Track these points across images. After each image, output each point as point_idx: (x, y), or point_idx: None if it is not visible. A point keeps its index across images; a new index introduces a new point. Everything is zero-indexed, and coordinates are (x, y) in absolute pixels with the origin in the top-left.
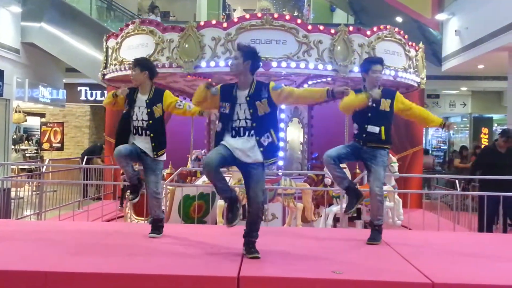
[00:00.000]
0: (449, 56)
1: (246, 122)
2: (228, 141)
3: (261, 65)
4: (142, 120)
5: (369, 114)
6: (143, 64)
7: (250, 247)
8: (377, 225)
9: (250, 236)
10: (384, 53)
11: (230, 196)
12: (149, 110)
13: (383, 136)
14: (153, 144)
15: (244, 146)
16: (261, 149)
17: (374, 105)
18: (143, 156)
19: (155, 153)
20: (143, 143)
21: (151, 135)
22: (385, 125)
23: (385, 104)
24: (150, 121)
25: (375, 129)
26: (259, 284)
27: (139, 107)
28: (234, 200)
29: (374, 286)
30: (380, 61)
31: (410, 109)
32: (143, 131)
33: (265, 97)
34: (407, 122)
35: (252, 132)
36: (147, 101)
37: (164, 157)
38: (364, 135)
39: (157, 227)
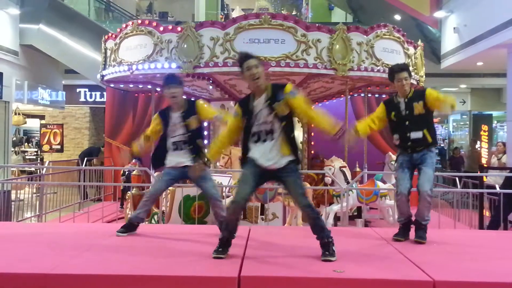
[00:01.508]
0: (448, 54)
1: (268, 128)
2: (254, 154)
3: None
4: (180, 135)
5: (407, 122)
6: (180, 82)
7: (324, 250)
8: (424, 225)
9: (319, 239)
10: (383, 51)
11: (231, 237)
12: (184, 123)
13: (429, 139)
14: (194, 156)
15: (268, 153)
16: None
17: (408, 112)
18: (185, 170)
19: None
20: (182, 157)
21: (191, 147)
22: (427, 127)
23: (418, 108)
24: (188, 134)
25: (419, 134)
26: (260, 284)
27: (175, 124)
28: (229, 242)
29: (375, 284)
30: (402, 68)
31: (437, 99)
32: (182, 145)
33: (282, 98)
34: None
35: (275, 135)
36: (182, 115)
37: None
38: (409, 143)
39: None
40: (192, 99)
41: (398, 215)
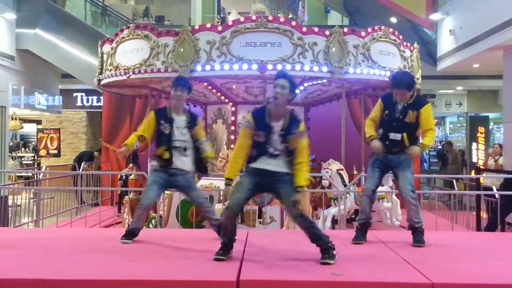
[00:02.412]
0: (444, 56)
1: (276, 153)
2: (257, 163)
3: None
4: (182, 141)
5: (394, 124)
6: (189, 87)
7: (323, 254)
8: (419, 227)
9: (318, 246)
10: (379, 54)
11: (230, 241)
12: (189, 130)
13: (406, 143)
14: (193, 163)
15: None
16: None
17: (401, 116)
18: (179, 175)
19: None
20: (181, 161)
21: (189, 154)
22: (408, 132)
23: (410, 117)
24: (189, 142)
25: (397, 136)
26: (258, 287)
27: (177, 127)
28: (230, 245)
29: (373, 287)
30: (398, 85)
31: (425, 130)
32: (182, 151)
33: (294, 133)
34: None
35: (278, 156)
36: (187, 123)
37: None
38: (387, 142)
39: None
40: (194, 112)
41: (359, 214)
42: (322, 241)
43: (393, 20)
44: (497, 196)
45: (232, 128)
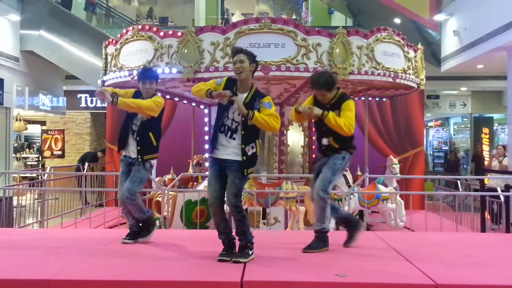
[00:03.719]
0: (448, 57)
1: (233, 125)
2: (217, 149)
3: (259, 68)
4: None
5: (324, 128)
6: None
7: (238, 251)
8: (317, 231)
9: (239, 241)
10: (383, 55)
11: (230, 238)
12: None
13: (335, 146)
14: (139, 148)
15: (227, 148)
16: (244, 157)
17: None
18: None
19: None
20: (132, 147)
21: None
22: (333, 135)
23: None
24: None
25: (325, 141)
26: None
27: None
28: (232, 243)
29: None
30: (314, 86)
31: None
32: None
33: (257, 108)
34: (407, 124)
35: (236, 137)
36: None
37: None
38: (322, 148)
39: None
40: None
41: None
42: (245, 238)
43: (397, 21)
44: (501, 197)
45: None
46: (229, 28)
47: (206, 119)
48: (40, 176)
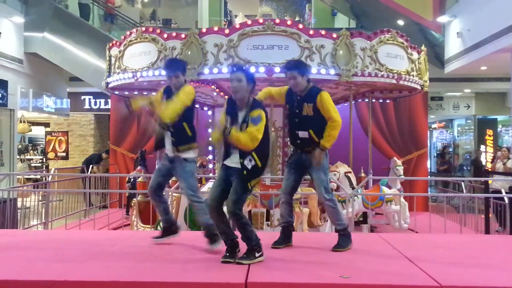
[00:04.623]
0: (452, 58)
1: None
2: (228, 153)
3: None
4: None
5: (296, 120)
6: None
7: (245, 253)
8: (341, 230)
9: (246, 244)
10: (387, 57)
11: (232, 238)
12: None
13: (315, 139)
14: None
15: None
16: (245, 172)
17: (297, 111)
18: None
19: None
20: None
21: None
22: (313, 128)
23: (307, 109)
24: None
25: (305, 134)
26: None
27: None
28: (234, 243)
29: None
30: (289, 68)
31: (327, 119)
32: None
33: (246, 121)
34: (411, 125)
35: (235, 152)
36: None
37: None
38: (298, 141)
39: None
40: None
41: (279, 218)
42: (250, 243)
43: (400, 22)
44: (506, 199)
45: None
46: (232, 30)
47: (210, 121)
48: (44, 178)
